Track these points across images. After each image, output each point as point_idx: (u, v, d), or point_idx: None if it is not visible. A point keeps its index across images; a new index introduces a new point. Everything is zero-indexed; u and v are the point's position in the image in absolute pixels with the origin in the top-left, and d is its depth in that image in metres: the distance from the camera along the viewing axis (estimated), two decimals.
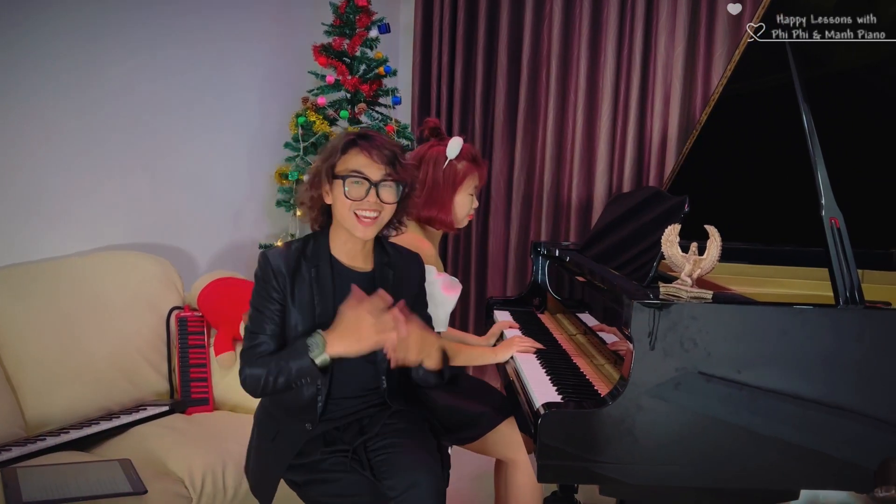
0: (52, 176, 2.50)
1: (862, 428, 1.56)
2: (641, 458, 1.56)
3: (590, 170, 3.55)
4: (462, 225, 2.20)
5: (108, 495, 1.76)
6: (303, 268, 1.70)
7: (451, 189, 2.12)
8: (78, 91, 2.55)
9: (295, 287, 1.69)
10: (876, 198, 2.28)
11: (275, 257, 1.70)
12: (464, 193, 2.14)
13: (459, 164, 2.11)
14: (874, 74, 2.13)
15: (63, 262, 2.43)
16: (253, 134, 3.33)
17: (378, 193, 1.65)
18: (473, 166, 2.14)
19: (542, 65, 3.63)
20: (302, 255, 1.71)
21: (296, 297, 1.68)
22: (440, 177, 2.11)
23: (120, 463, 1.94)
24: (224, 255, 3.20)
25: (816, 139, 1.74)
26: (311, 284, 1.69)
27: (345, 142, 1.68)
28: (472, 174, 2.14)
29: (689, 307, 1.54)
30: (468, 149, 2.14)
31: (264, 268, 1.69)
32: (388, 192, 1.67)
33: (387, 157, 1.66)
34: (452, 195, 2.12)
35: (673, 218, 1.81)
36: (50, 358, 2.21)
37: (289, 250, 1.72)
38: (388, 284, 1.75)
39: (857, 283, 1.61)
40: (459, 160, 2.11)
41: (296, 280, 1.69)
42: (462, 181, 2.12)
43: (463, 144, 2.11)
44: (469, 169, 2.13)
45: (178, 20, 2.90)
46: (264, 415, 1.82)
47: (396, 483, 1.61)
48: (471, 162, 2.13)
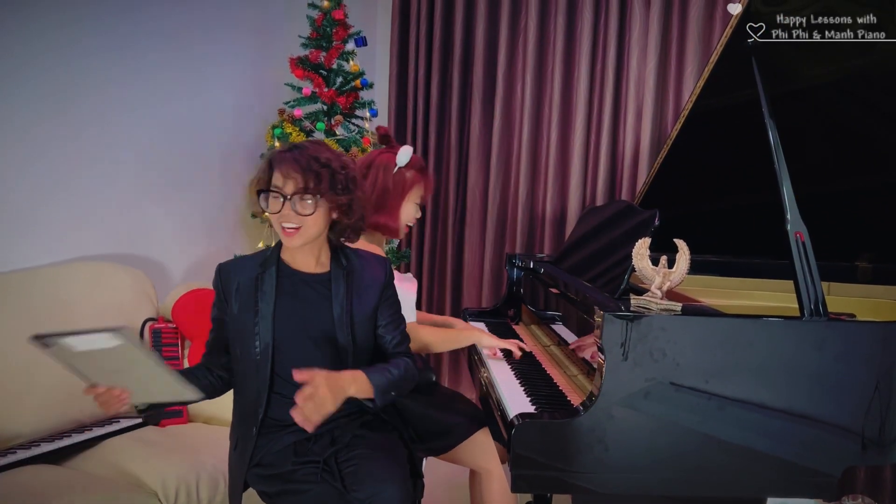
0: (24, 185, 2.48)
1: (826, 436, 1.60)
2: (613, 468, 1.58)
3: (564, 183, 3.59)
4: (402, 234, 2.23)
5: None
6: (252, 271, 1.76)
7: (399, 196, 2.14)
8: (51, 99, 2.53)
9: (240, 291, 1.74)
10: (841, 211, 2.34)
11: (226, 266, 1.78)
12: (410, 202, 2.16)
13: (408, 172, 2.14)
14: (839, 90, 2.18)
15: (35, 273, 2.41)
16: (229, 144, 3.32)
17: (294, 206, 1.66)
18: (421, 176, 2.17)
19: (516, 79, 3.68)
20: (255, 262, 1.77)
21: (237, 300, 1.74)
22: (389, 183, 2.13)
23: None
24: (199, 266, 3.18)
25: (782, 154, 1.79)
26: (250, 287, 1.74)
27: (268, 159, 1.72)
28: (419, 183, 2.16)
29: (658, 319, 1.57)
30: (417, 159, 2.17)
31: (216, 278, 1.77)
32: (304, 205, 1.67)
33: (300, 168, 1.65)
34: (400, 202, 2.15)
35: (644, 231, 1.84)
36: (20, 370, 2.18)
37: (245, 259, 1.80)
38: (343, 286, 1.76)
39: (821, 296, 1.66)
40: (408, 168, 2.14)
41: (237, 285, 1.74)
42: (410, 189, 2.15)
43: (412, 153, 2.15)
44: (417, 178, 2.16)
45: (155, 29, 2.90)
46: (231, 426, 1.84)
47: (363, 493, 1.61)
48: (419, 171, 2.16)
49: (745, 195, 2.41)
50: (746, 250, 2.58)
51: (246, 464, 1.73)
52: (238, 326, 1.73)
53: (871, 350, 1.61)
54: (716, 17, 3.22)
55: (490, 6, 3.70)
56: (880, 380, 1.60)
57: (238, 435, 1.78)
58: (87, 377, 1.49)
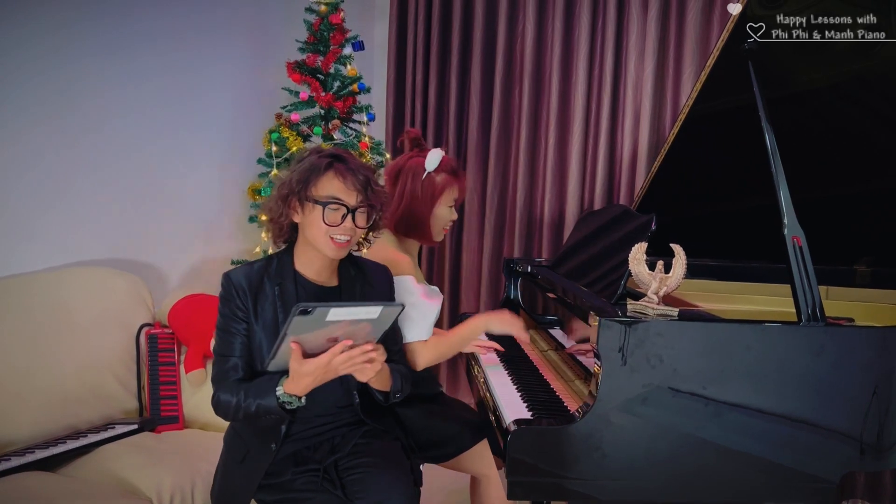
0: (21, 190, 2.47)
1: (824, 442, 1.59)
2: (610, 474, 1.57)
3: (561, 187, 3.58)
4: (439, 238, 2.17)
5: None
6: (266, 286, 1.69)
7: (429, 201, 2.08)
8: (48, 104, 2.53)
9: (258, 305, 1.68)
10: (840, 215, 2.33)
11: (237, 276, 1.69)
12: (443, 206, 2.10)
13: (438, 176, 2.08)
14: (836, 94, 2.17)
15: (31, 278, 2.40)
16: (226, 149, 3.32)
17: (354, 219, 1.66)
18: (453, 178, 2.10)
19: (514, 83, 3.68)
20: (265, 274, 1.71)
21: (259, 316, 1.67)
22: (418, 189, 2.07)
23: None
24: (195, 271, 3.18)
25: (779, 158, 1.78)
26: (274, 302, 1.68)
27: (324, 164, 1.66)
28: (451, 186, 2.10)
29: (655, 324, 1.56)
30: (448, 161, 2.10)
31: (227, 288, 1.68)
32: (362, 218, 1.69)
33: (361, 182, 1.66)
34: (431, 207, 2.08)
35: (640, 236, 1.83)
36: (16, 375, 2.18)
37: (251, 269, 1.71)
38: (355, 298, 1.76)
39: (819, 301, 1.65)
40: (438, 172, 2.08)
41: (259, 298, 1.68)
42: (441, 193, 2.08)
43: (442, 156, 2.09)
44: (448, 181, 2.09)
45: (152, 33, 2.89)
46: (233, 436, 1.80)
47: (367, 501, 1.60)
48: (450, 174, 2.10)
49: (742, 199, 2.40)
50: (744, 254, 2.57)
51: (258, 478, 1.69)
52: (259, 341, 1.68)
53: (868, 355, 1.60)
54: (713, 20, 3.22)
55: (488, 10, 3.69)
56: (878, 385, 1.59)
57: (249, 448, 1.73)
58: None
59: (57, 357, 2.29)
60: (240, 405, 1.60)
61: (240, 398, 1.60)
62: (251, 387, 1.61)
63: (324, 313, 1.41)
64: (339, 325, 1.46)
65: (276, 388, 1.56)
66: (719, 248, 2.56)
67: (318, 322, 1.43)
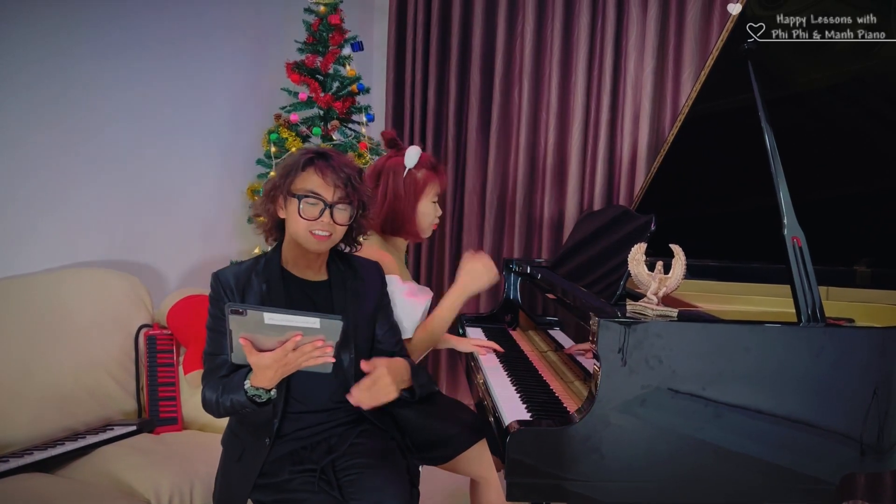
0: (20, 191, 2.47)
1: (824, 443, 1.58)
2: (609, 475, 1.56)
3: (561, 187, 3.58)
4: (427, 234, 2.19)
5: None
6: (254, 283, 1.71)
7: (413, 198, 2.11)
8: (46, 106, 2.53)
9: (246, 302, 1.69)
10: (840, 215, 2.33)
11: (225, 275, 1.72)
12: (426, 202, 2.14)
13: (419, 172, 2.12)
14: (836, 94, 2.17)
15: (30, 279, 2.40)
16: (225, 150, 3.32)
17: (332, 215, 1.67)
18: (433, 174, 2.14)
19: (514, 83, 3.68)
20: (253, 271, 1.73)
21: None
22: (401, 187, 2.10)
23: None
24: (194, 272, 3.17)
25: (778, 159, 1.78)
26: (262, 299, 1.70)
27: (304, 160, 1.69)
28: (432, 181, 2.14)
29: (654, 325, 1.56)
30: (426, 157, 2.15)
31: (215, 287, 1.71)
32: (341, 214, 1.69)
33: (343, 178, 1.67)
34: (415, 204, 2.12)
35: (640, 237, 1.83)
36: (14, 376, 2.18)
37: (240, 268, 1.74)
38: (344, 292, 1.77)
39: (819, 302, 1.64)
40: (418, 169, 2.12)
41: (247, 295, 1.70)
42: (423, 189, 2.12)
43: (420, 153, 2.12)
44: (429, 177, 2.13)
45: (150, 34, 2.89)
46: (230, 436, 1.81)
47: (363, 503, 1.60)
48: (430, 169, 2.14)
49: (742, 199, 2.40)
50: (744, 255, 2.56)
51: (255, 475, 1.70)
52: None
53: (868, 356, 1.59)
54: (713, 19, 3.21)
55: (487, 11, 3.69)
56: (878, 386, 1.59)
57: (245, 446, 1.74)
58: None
59: (56, 358, 2.29)
60: (218, 401, 1.63)
61: (217, 394, 1.64)
62: (226, 383, 1.64)
63: (259, 316, 1.44)
64: (288, 332, 1.47)
65: (244, 381, 1.58)
66: (719, 249, 2.56)
67: (259, 325, 1.45)
